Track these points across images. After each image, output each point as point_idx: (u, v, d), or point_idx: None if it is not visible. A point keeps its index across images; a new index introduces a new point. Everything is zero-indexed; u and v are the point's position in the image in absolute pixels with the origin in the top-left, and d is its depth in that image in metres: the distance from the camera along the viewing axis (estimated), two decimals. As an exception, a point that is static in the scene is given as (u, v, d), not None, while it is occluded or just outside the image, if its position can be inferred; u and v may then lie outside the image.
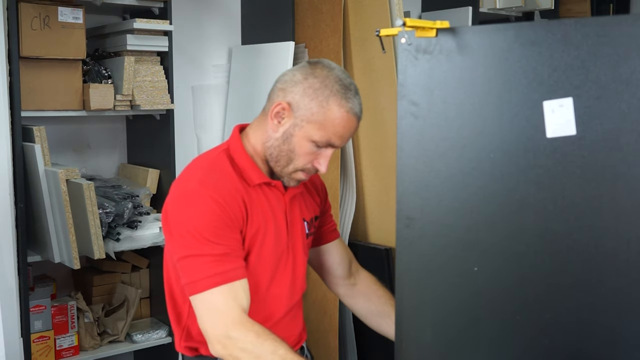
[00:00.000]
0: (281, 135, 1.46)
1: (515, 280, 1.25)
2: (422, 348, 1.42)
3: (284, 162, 1.48)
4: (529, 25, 1.22)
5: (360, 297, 1.73)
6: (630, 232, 1.10)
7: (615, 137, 1.10)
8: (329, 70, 1.46)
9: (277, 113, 1.46)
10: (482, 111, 1.26)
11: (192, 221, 1.37)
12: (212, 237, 1.36)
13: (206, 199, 1.38)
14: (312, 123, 1.43)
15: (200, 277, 1.35)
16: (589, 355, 1.17)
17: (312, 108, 1.43)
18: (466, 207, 1.30)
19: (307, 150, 1.45)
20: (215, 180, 1.42)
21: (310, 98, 1.43)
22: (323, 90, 1.43)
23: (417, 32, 1.30)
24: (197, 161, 1.51)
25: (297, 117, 1.44)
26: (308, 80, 1.44)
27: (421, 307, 1.41)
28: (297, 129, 1.45)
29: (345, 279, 1.72)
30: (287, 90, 1.46)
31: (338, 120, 1.43)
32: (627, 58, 1.08)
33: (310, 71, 1.46)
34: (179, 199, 1.42)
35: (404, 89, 1.37)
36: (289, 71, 1.51)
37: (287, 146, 1.46)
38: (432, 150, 1.34)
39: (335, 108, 1.42)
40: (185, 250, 1.37)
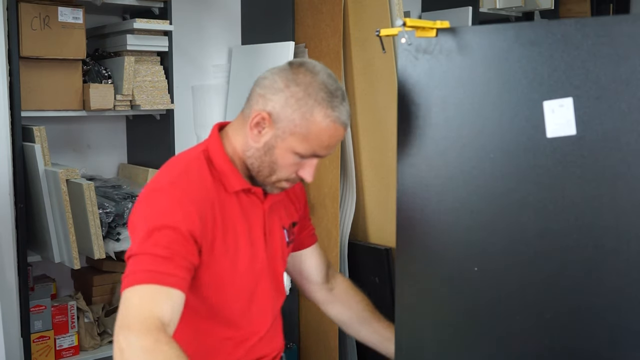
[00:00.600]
0: (262, 146, 1.36)
1: (515, 279, 1.25)
2: (422, 348, 1.42)
3: (266, 172, 1.38)
4: (529, 25, 1.22)
5: (337, 303, 1.66)
6: (630, 232, 1.10)
7: (615, 137, 1.10)
8: (312, 75, 1.33)
9: (257, 123, 1.35)
10: (482, 111, 1.26)
11: (151, 218, 1.27)
12: (162, 237, 1.25)
13: (171, 202, 1.28)
14: (295, 135, 1.32)
15: (131, 274, 1.22)
16: (589, 355, 1.17)
17: (295, 120, 1.31)
18: (466, 207, 1.30)
19: (290, 161, 1.36)
20: (187, 184, 1.32)
21: (293, 109, 1.31)
22: (306, 100, 1.31)
23: (417, 32, 1.30)
24: (174, 161, 1.42)
25: (279, 128, 1.33)
26: (290, 88, 1.32)
27: (421, 307, 1.41)
28: (279, 141, 1.34)
29: (322, 284, 1.66)
30: (267, 98, 1.34)
31: (323, 132, 1.32)
32: (627, 58, 1.08)
33: (292, 77, 1.33)
34: (146, 195, 1.33)
35: (404, 89, 1.37)
36: (269, 73, 1.38)
37: (268, 157, 1.36)
38: (432, 150, 1.34)
39: (320, 119, 1.31)
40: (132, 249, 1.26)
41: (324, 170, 2.66)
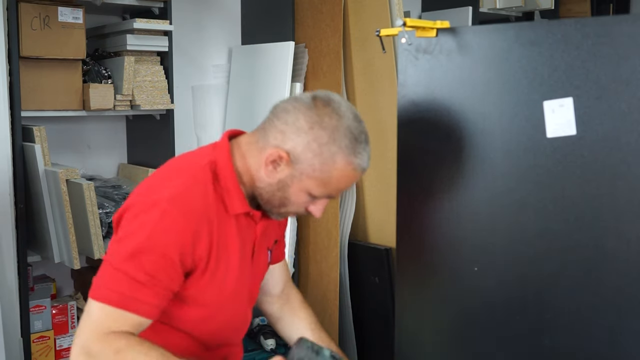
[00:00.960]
0: (276, 183, 1.29)
1: (515, 279, 1.25)
2: (422, 348, 1.42)
3: (276, 205, 1.33)
4: (529, 25, 1.22)
5: (284, 319, 1.64)
6: (630, 232, 1.10)
7: (615, 137, 1.10)
8: (338, 118, 1.25)
9: (274, 161, 1.27)
10: (482, 111, 1.26)
11: (140, 235, 1.20)
12: (133, 259, 1.19)
13: (167, 224, 1.21)
14: (313, 179, 1.26)
15: (104, 287, 1.19)
16: (589, 355, 1.17)
17: (315, 165, 1.25)
18: (466, 207, 1.30)
19: (303, 200, 1.30)
20: (189, 202, 1.24)
21: (314, 154, 1.24)
22: (330, 146, 1.24)
23: (418, 32, 1.30)
24: (178, 167, 1.33)
25: (296, 169, 1.26)
26: (314, 131, 1.24)
27: (421, 307, 1.41)
28: (294, 181, 1.28)
29: (277, 297, 1.63)
30: (287, 136, 1.26)
31: (343, 178, 1.26)
32: (627, 58, 1.08)
33: (317, 119, 1.24)
34: (143, 205, 1.24)
35: (404, 89, 1.37)
36: (291, 106, 1.28)
37: (281, 194, 1.30)
38: (432, 150, 1.34)
39: (341, 166, 1.25)
40: (109, 255, 1.23)
41: (324, 170, 2.67)
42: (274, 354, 2.46)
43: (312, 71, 2.71)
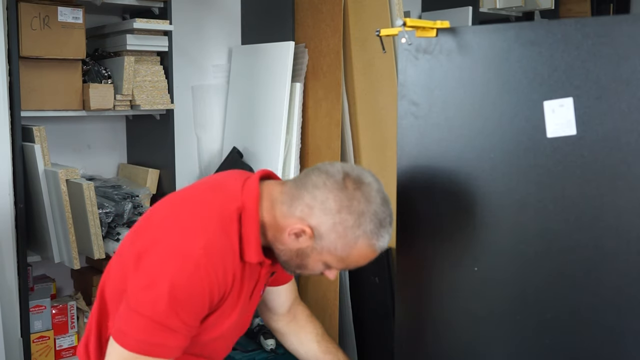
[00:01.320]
0: (295, 251, 1.31)
1: (515, 279, 1.25)
2: (422, 348, 1.42)
3: (292, 267, 1.36)
4: (529, 25, 1.22)
5: (292, 335, 1.66)
6: (630, 232, 1.10)
7: (615, 137, 1.10)
8: (367, 203, 1.26)
9: (297, 233, 1.29)
10: (482, 111, 1.26)
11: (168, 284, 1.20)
12: (170, 310, 1.20)
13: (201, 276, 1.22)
14: (333, 255, 1.29)
15: (129, 333, 1.21)
16: (589, 355, 1.17)
17: (337, 245, 1.27)
18: (466, 207, 1.30)
19: (319, 268, 1.34)
20: (218, 256, 1.24)
21: (339, 235, 1.26)
22: (355, 230, 1.26)
23: (418, 32, 1.30)
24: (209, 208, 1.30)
25: (318, 244, 1.28)
26: (341, 214, 1.25)
27: (421, 307, 1.41)
28: (314, 253, 1.30)
29: (285, 315, 1.66)
30: (314, 212, 1.27)
31: (362, 257, 1.30)
32: (627, 58, 1.08)
33: (347, 203, 1.25)
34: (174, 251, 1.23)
35: (404, 89, 1.37)
36: (322, 183, 1.27)
37: (299, 260, 1.33)
38: (432, 150, 1.34)
39: (362, 247, 1.28)
40: (135, 303, 1.22)
41: (324, 170, 2.67)
42: (274, 354, 2.46)
43: (312, 71, 2.71)
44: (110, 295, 1.36)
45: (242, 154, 2.82)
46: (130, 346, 1.21)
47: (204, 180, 1.47)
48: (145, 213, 1.41)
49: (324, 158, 2.66)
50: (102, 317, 1.37)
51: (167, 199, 1.41)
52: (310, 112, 2.74)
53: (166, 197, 1.42)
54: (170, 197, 1.41)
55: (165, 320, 1.20)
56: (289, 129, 2.69)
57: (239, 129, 2.90)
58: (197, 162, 2.98)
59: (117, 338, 1.23)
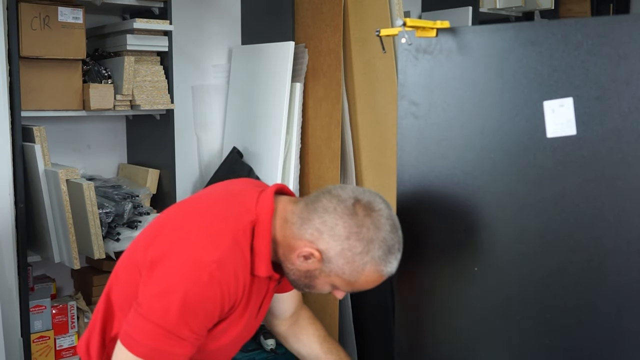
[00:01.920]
0: (304, 272, 1.33)
1: (515, 279, 1.25)
2: (422, 348, 1.42)
3: (301, 286, 1.37)
4: (529, 25, 1.22)
5: (293, 337, 1.68)
6: (630, 232, 1.10)
7: (615, 137, 1.10)
8: (376, 231, 1.27)
9: (305, 256, 1.30)
10: (482, 111, 1.26)
11: (181, 293, 1.21)
12: (180, 319, 1.21)
13: (213, 288, 1.23)
14: (341, 279, 1.30)
15: (138, 339, 1.22)
16: (589, 356, 1.17)
17: (345, 270, 1.28)
18: (466, 207, 1.30)
19: (327, 289, 1.35)
20: (232, 269, 1.25)
21: (347, 261, 1.27)
22: (363, 257, 1.27)
23: (418, 32, 1.30)
24: (222, 220, 1.30)
25: (326, 267, 1.30)
26: (350, 241, 1.26)
27: (421, 307, 1.41)
28: (322, 275, 1.31)
29: (287, 319, 1.67)
30: (323, 237, 1.28)
31: (369, 282, 1.31)
32: (627, 58, 1.08)
33: (356, 230, 1.26)
34: (187, 261, 1.23)
35: (404, 89, 1.37)
36: (332, 208, 1.28)
37: (308, 281, 1.34)
38: (432, 150, 1.34)
39: (370, 273, 1.29)
40: (147, 310, 1.23)
41: (324, 170, 2.67)
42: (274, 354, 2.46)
43: (312, 71, 2.71)
44: (118, 298, 1.36)
45: (242, 154, 2.82)
46: (137, 351, 1.22)
47: (217, 189, 1.46)
48: (157, 219, 1.41)
49: (324, 158, 2.66)
50: (107, 318, 1.38)
51: (180, 206, 1.41)
52: (310, 112, 2.74)
53: (178, 204, 1.42)
54: (183, 204, 1.41)
55: (174, 328, 1.21)
56: (289, 129, 2.69)
57: (239, 129, 2.90)
58: (197, 162, 2.98)
59: (125, 342, 1.24)
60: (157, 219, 1.42)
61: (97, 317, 1.39)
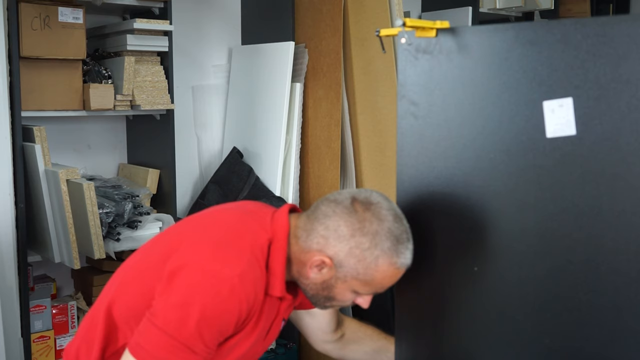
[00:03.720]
0: (320, 284, 1.32)
1: (515, 280, 1.25)
2: (422, 348, 1.42)
3: (321, 301, 1.36)
4: (529, 25, 1.22)
5: (351, 344, 1.67)
6: (630, 232, 1.10)
7: (615, 137, 1.10)
8: (379, 222, 1.27)
9: (317, 265, 1.29)
10: (482, 111, 1.26)
11: (199, 306, 1.20)
12: (196, 332, 1.20)
13: (232, 302, 1.22)
14: (358, 280, 1.29)
15: (149, 350, 1.20)
16: (589, 355, 1.17)
17: (359, 269, 1.27)
18: (466, 207, 1.30)
19: (349, 297, 1.33)
20: (251, 285, 1.25)
21: (357, 259, 1.26)
22: (372, 251, 1.26)
23: (417, 32, 1.30)
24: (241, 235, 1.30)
25: (340, 272, 1.29)
26: (355, 238, 1.26)
27: (421, 307, 1.41)
28: (339, 282, 1.30)
29: (334, 333, 1.65)
30: (329, 242, 1.28)
31: (387, 278, 1.29)
32: (627, 58, 1.08)
33: (359, 226, 1.26)
34: (209, 274, 1.22)
35: (404, 89, 1.37)
36: (332, 212, 1.29)
37: (326, 292, 1.33)
38: (432, 150, 1.34)
39: (384, 268, 1.27)
40: (162, 321, 1.21)
41: (324, 170, 2.67)
42: (274, 354, 2.47)
43: (312, 71, 2.72)
44: (124, 311, 1.32)
45: (242, 154, 2.82)
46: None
47: (230, 207, 1.46)
48: (169, 233, 1.39)
49: (324, 158, 2.66)
50: (109, 332, 1.33)
51: (195, 220, 1.40)
52: (310, 112, 2.74)
53: (192, 219, 1.41)
54: (198, 219, 1.40)
55: (188, 341, 1.20)
56: (289, 129, 2.69)
57: (239, 129, 2.90)
58: (197, 162, 2.98)
59: (136, 353, 1.21)
60: (169, 233, 1.40)
61: (94, 331, 1.34)
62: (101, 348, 1.33)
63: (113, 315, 1.33)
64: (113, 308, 1.33)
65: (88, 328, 1.37)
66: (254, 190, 2.69)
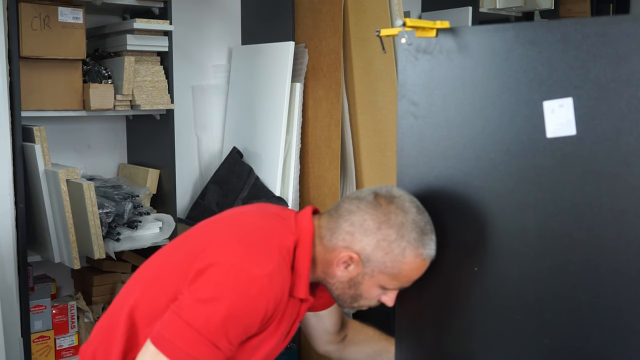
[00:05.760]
0: (347, 282, 1.33)
1: (515, 280, 1.25)
2: (422, 348, 1.42)
3: (348, 301, 1.37)
4: (529, 25, 1.22)
5: (352, 346, 1.68)
6: (630, 232, 1.10)
7: (615, 137, 1.10)
8: (404, 214, 1.29)
9: (345, 262, 1.31)
10: (482, 111, 1.26)
11: (228, 304, 1.20)
12: (221, 329, 1.20)
13: (260, 302, 1.22)
14: (385, 274, 1.30)
15: (173, 341, 1.20)
16: (589, 355, 1.17)
17: (386, 262, 1.29)
18: (466, 207, 1.30)
19: (376, 294, 1.35)
20: (280, 284, 1.25)
21: (385, 252, 1.28)
22: (399, 242, 1.28)
23: (417, 32, 1.30)
24: (270, 237, 1.31)
25: (368, 267, 1.30)
26: (382, 230, 1.28)
27: (421, 307, 1.41)
28: (366, 278, 1.32)
29: (337, 334, 1.66)
30: (355, 237, 1.30)
31: (414, 270, 1.31)
32: (627, 58, 1.08)
33: (384, 218, 1.28)
34: (239, 273, 1.22)
35: (404, 89, 1.37)
36: (356, 207, 1.31)
37: (353, 291, 1.34)
38: (432, 150, 1.34)
39: (411, 259, 1.29)
40: (188, 314, 1.20)
41: (324, 170, 2.67)
42: (274, 354, 2.47)
43: (312, 71, 2.72)
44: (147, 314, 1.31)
45: (242, 154, 2.82)
46: (174, 355, 1.19)
47: (251, 209, 1.46)
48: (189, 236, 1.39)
49: (324, 158, 2.66)
50: (130, 337, 1.31)
51: (219, 222, 1.39)
52: (310, 112, 2.74)
53: (212, 221, 1.41)
54: (220, 221, 1.40)
55: (213, 336, 1.19)
56: (289, 129, 2.69)
57: (239, 129, 2.90)
58: (197, 162, 2.98)
59: (159, 343, 1.20)
60: (191, 235, 1.39)
61: (113, 334, 1.32)
62: (122, 352, 1.31)
63: (135, 319, 1.31)
64: (135, 311, 1.31)
65: (106, 331, 1.35)
66: (254, 190, 2.69)
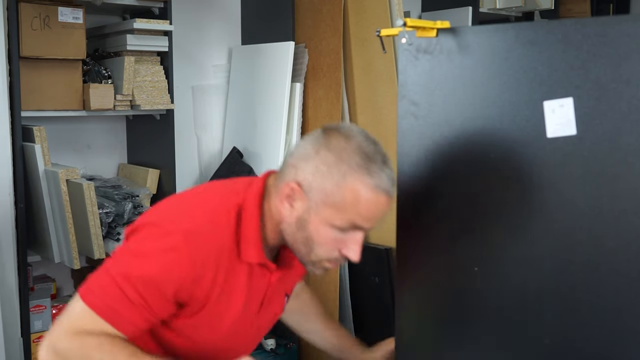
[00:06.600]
0: (295, 222, 1.22)
1: (515, 280, 1.25)
2: (422, 348, 1.42)
3: (303, 250, 1.25)
4: (529, 25, 1.22)
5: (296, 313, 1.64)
6: (630, 232, 1.10)
7: (615, 137, 1.10)
8: (346, 139, 1.20)
9: (288, 196, 1.22)
10: (482, 111, 1.26)
11: (144, 260, 1.18)
12: (142, 285, 1.16)
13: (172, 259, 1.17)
14: (329, 205, 1.18)
15: (97, 293, 1.18)
16: (589, 355, 1.17)
17: (327, 188, 1.18)
18: (466, 207, 1.30)
19: (328, 237, 1.21)
20: (202, 243, 1.19)
21: (324, 177, 1.18)
22: (339, 166, 1.17)
23: (418, 32, 1.30)
24: (208, 200, 1.27)
25: (311, 199, 1.19)
26: (320, 154, 1.19)
27: (421, 307, 1.41)
28: (312, 214, 1.20)
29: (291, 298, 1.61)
30: (297, 167, 1.21)
31: (361, 201, 1.17)
32: (627, 58, 1.08)
33: (324, 142, 1.20)
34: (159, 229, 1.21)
35: (404, 89, 1.37)
36: (301, 142, 1.25)
37: (302, 233, 1.22)
38: (432, 150, 1.34)
39: (355, 186, 1.17)
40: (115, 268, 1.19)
41: (324, 170, 2.66)
42: (274, 354, 2.47)
43: (312, 71, 2.72)
44: None
45: (242, 154, 2.82)
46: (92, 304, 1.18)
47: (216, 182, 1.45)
48: None
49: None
50: None
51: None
52: (310, 112, 2.74)
53: None
54: None
55: (127, 289, 1.17)
56: (289, 129, 2.69)
57: (239, 129, 2.90)
58: (197, 162, 2.98)
59: (83, 294, 1.21)
60: None
61: None
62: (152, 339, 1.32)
63: None
64: None
65: None
66: (254, 190, 2.69)
